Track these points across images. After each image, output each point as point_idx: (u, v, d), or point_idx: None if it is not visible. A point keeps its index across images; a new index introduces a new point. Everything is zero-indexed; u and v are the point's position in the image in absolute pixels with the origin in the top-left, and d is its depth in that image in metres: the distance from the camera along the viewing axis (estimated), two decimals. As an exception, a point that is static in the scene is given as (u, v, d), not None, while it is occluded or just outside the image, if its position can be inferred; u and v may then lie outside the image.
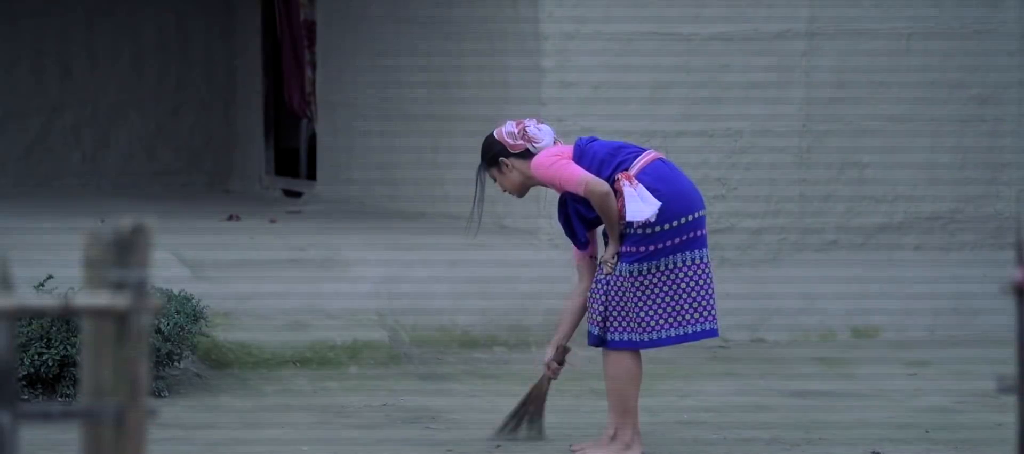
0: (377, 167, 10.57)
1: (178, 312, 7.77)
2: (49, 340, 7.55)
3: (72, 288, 7.28)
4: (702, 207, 6.69)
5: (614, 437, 6.83)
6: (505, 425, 7.09)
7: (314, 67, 11.56)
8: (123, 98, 12.25)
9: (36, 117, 12.11)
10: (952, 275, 9.70)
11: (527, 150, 6.69)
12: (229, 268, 8.88)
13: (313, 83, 11.56)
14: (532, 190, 6.97)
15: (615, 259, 6.60)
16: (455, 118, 9.82)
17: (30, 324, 7.53)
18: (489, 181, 6.86)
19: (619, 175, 6.56)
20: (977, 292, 9.65)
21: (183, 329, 7.75)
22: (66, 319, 7.51)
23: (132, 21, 12.19)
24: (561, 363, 6.99)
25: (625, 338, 6.68)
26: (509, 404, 7.81)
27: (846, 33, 9.59)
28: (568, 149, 6.69)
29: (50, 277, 7.79)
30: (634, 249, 6.58)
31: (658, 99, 9.34)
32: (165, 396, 7.75)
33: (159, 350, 7.69)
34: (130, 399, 3.18)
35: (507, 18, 9.46)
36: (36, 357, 7.49)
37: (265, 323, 8.47)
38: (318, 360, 8.29)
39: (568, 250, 9.23)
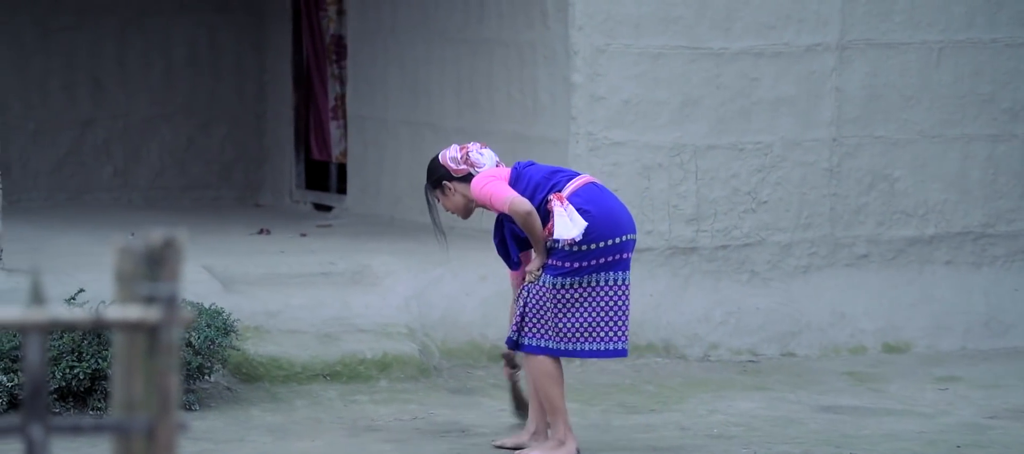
0: (407, 181, 10.58)
1: (209, 326, 7.78)
2: (80, 353, 7.57)
3: (103, 302, 7.30)
4: (631, 231, 6.93)
5: (547, 436, 7.04)
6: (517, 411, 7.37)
7: (342, 82, 11.59)
8: (154, 112, 12.29)
9: (68, 131, 12.16)
10: (983, 290, 9.67)
11: (469, 174, 6.94)
12: (259, 282, 8.89)
13: (340, 98, 11.58)
14: None
15: (540, 271, 6.86)
16: (485, 132, 9.82)
17: (62, 337, 7.55)
18: None
19: (551, 196, 6.82)
20: (1008, 307, 9.61)
21: (214, 343, 7.76)
22: (97, 332, 7.53)
23: (163, 36, 12.24)
24: (513, 367, 7.24)
25: (540, 344, 6.90)
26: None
27: (877, 47, 9.58)
28: (505, 171, 6.94)
29: (81, 291, 7.82)
30: (559, 263, 6.81)
31: (688, 113, 9.34)
32: (196, 409, 7.76)
33: (190, 363, 7.71)
34: (161, 412, 3.18)
35: (537, 33, 9.47)
36: (67, 370, 7.52)
37: (295, 337, 8.48)
38: (348, 374, 8.30)
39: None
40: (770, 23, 9.40)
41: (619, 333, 6.90)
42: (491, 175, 6.88)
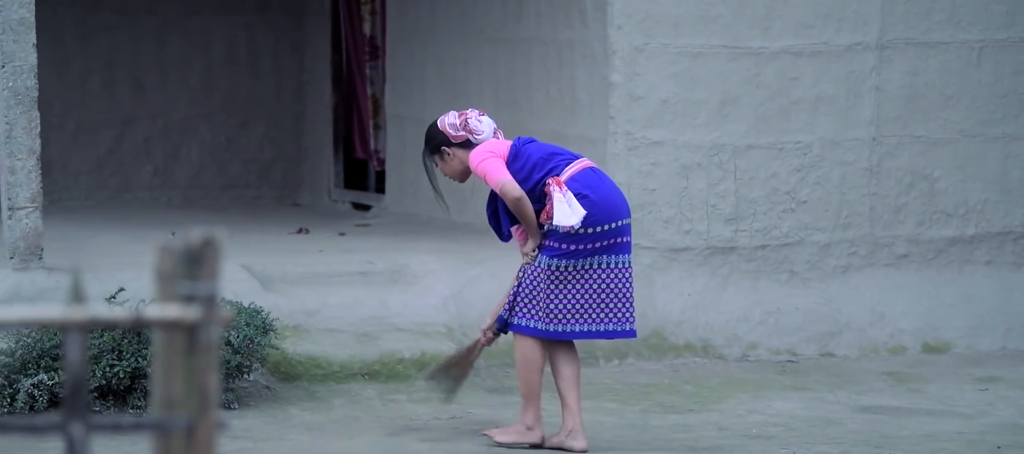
0: (444, 181, 10.58)
1: (248, 325, 7.80)
2: (120, 352, 7.60)
3: (143, 300, 7.33)
4: (627, 215, 7.00)
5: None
6: (435, 372, 7.44)
7: (373, 82, 11.61)
8: (194, 112, 12.33)
9: (108, 130, 12.21)
10: (1024, 290, 9.63)
11: (468, 140, 7.02)
12: (298, 281, 8.91)
13: (375, 100, 11.60)
14: None
15: (535, 252, 6.92)
16: (523, 131, 9.82)
17: (102, 336, 7.58)
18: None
19: (549, 180, 6.88)
20: (1049, 307, 9.56)
21: (252, 341, 7.78)
22: (137, 331, 7.56)
23: (203, 35, 12.27)
24: (496, 335, 7.24)
25: (529, 324, 6.96)
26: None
27: (916, 46, 9.54)
28: (504, 146, 6.99)
29: (121, 289, 7.85)
30: (556, 245, 6.89)
31: (727, 113, 9.32)
32: (235, 408, 7.78)
33: (229, 362, 7.73)
34: (200, 411, 3.19)
35: (575, 32, 9.46)
36: (107, 369, 7.55)
37: (334, 336, 8.50)
38: (386, 373, 8.31)
39: (636, 264, 9.22)
40: (809, 22, 9.37)
41: (624, 314, 6.97)
42: (489, 150, 6.94)
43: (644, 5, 9.15)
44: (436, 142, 7.11)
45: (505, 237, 7.10)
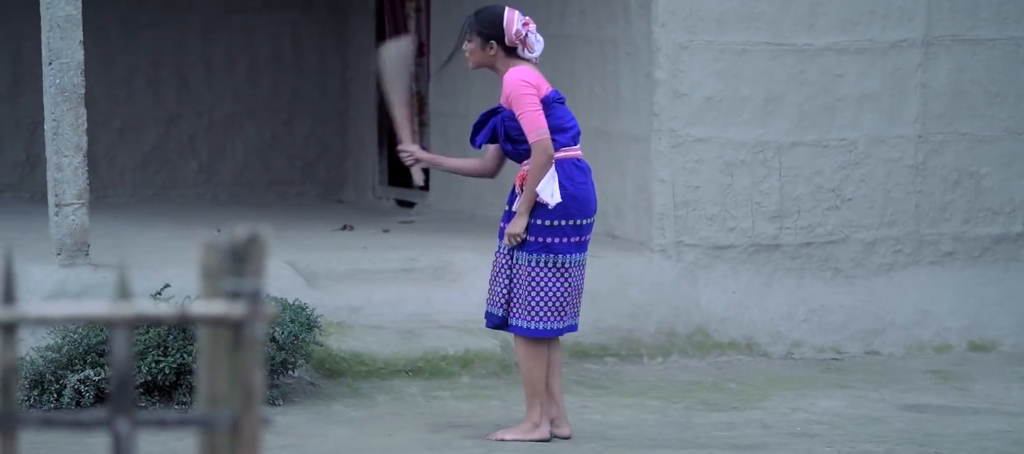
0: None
1: (292, 321, 7.83)
2: (166, 348, 7.63)
3: (188, 297, 7.36)
4: (594, 213, 7.01)
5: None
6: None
7: (418, 80, 11.61)
8: (238, 109, 12.37)
9: (153, 128, 12.26)
10: (1070, 288, 9.57)
11: (515, 49, 6.90)
12: (342, 278, 8.93)
13: (421, 97, 11.61)
14: (650, 204, 7.01)
15: (524, 233, 6.88)
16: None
17: (148, 332, 7.61)
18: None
19: None
20: (1096, 305, 9.50)
21: (297, 338, 7.80)
22: (183, 327, 7.59)
23: (247, 33, 12.31)
24: (416, 163, 7.19)
25: (529, 326, 6.99)
26: (621, 414, 7.80)
27: (962, 43, 9.49)
28: (544, 88, 6.88)
29: (167, 286, 7.88)
30: (533, 239, 6.89)
31: (771, 110, 9.29)
32: (279, 404, 7.81)
33: (273, 359, 7.75)
34: (245, 407, 3.20)
35: (619, 29, 9.45)
36: (153, 365, 7.58)
37: (378, 332, 8.51)
38: (430, 370, 8.32)
39: (680, 261, 9.21)
40: (854, 19, 9.34)
41: (577, 310, 7.06)
42: (534, 84, 6.84)
43: (688, 2, 9.13)
44: (490, 31, 6.89)
45: (474, 144, 7.04)
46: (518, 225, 6.88)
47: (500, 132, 6.94)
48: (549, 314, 6.98)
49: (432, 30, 11.41)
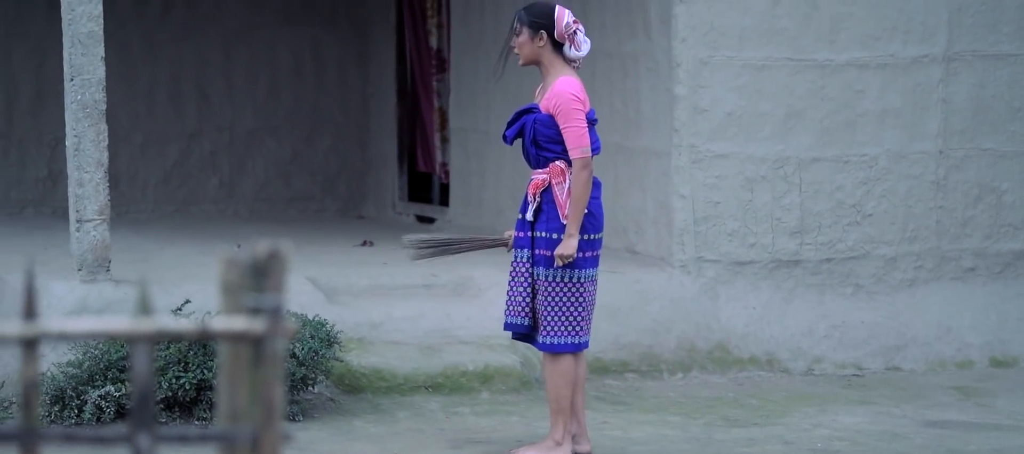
0: (509, 193, 10.59)
1: (313, 337, 7.83)
2: (186, 364, 7.64)
3: (209, 312, 7.37)
4: (603, 229, 7.02)
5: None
6: (429, 241, 7.38)
7: (440, 95, 11.63)
8: (259, 124, 12.39)
9: (174, 143, 12.29)
10: (1093, 304, 9.53)
11: (562, 45, 6.94)
12: (362, 293, 8.94)
13: (442, 113, 11.62)
14: (670, 219, 6.99)
15: (571, 255, 6.85)
16: (587, 144, 9.81)
17: (168, 348, 7.62)
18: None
19: (561, 164, 6.87)
20: (1119, 321, 9.47)
21: (317, 354, 7.81)
22: (203, 343, 7.60)
23: (268, 49, 12.33)
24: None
25: (559, 341, 6.97)
26: (641, 430, 7.79)
27: (984, 59, 9.47)
28: (586, 105, 6.89)
29: (188, 301, 7.89)
30: (550, 254, 6.89)
31: (792, 125, 9.28)
32: (299, 420, 7.81)
33: (294, 374, 7.75)
34: (265, 423, 3.21)
35: (640, 44, 9.45)
36: (173, 380, 7.59)
37: (398, 348, 8.51)
38: (450, 385, 8.32)
39: (701, 277, 9.20)
40: (875, 34, 9.33)
41: (589, 326, 7.06)
42: (581, 101, 6.87)
43: (709, 17, 9.13)
44: (541, 22, 6.94)
45: (506, 140, 7.06)
46: (569, 246, 6.88)
47: (528, 133, 6.96)
48: (572, 329, 6.99)
49: (453, 45, 11.42)
